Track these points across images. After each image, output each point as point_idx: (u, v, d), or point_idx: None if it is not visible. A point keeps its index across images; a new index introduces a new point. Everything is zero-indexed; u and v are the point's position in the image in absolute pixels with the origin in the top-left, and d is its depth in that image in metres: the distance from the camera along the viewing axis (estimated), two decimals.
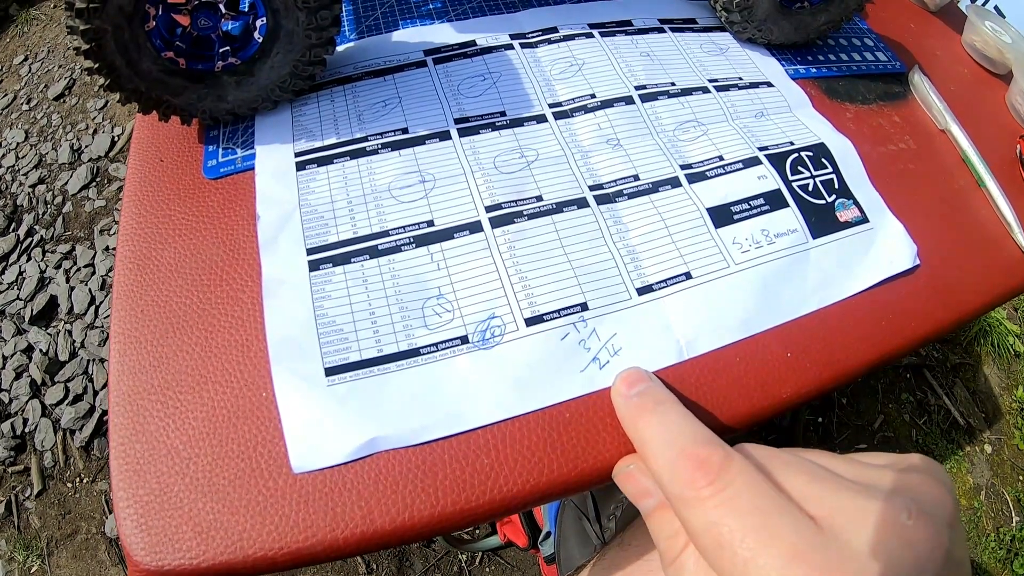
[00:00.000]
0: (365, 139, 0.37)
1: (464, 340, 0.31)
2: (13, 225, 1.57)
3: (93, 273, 1.45)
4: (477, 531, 1.13)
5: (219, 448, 0.28)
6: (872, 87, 0.46)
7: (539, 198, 0.35)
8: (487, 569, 1.09)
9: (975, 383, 1.36)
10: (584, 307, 0.32)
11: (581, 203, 0.35)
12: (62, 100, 1.81)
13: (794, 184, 0.37)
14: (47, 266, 1.48)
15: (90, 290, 1.42)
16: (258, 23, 0.34)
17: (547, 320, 0.31)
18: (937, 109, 0.44)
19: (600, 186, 0.36)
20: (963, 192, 0.41)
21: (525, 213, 0.34)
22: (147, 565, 0.26)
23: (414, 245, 0.33)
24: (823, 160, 0.39)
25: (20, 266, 1.49)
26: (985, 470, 1.26)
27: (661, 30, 0.45)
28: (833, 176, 0.39)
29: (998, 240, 0.39)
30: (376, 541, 0.26)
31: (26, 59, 1.94)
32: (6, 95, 1.85)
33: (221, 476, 0.27)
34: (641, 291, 0.33)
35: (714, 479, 0.21)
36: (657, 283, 0.33)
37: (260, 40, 0.35)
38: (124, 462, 0.28)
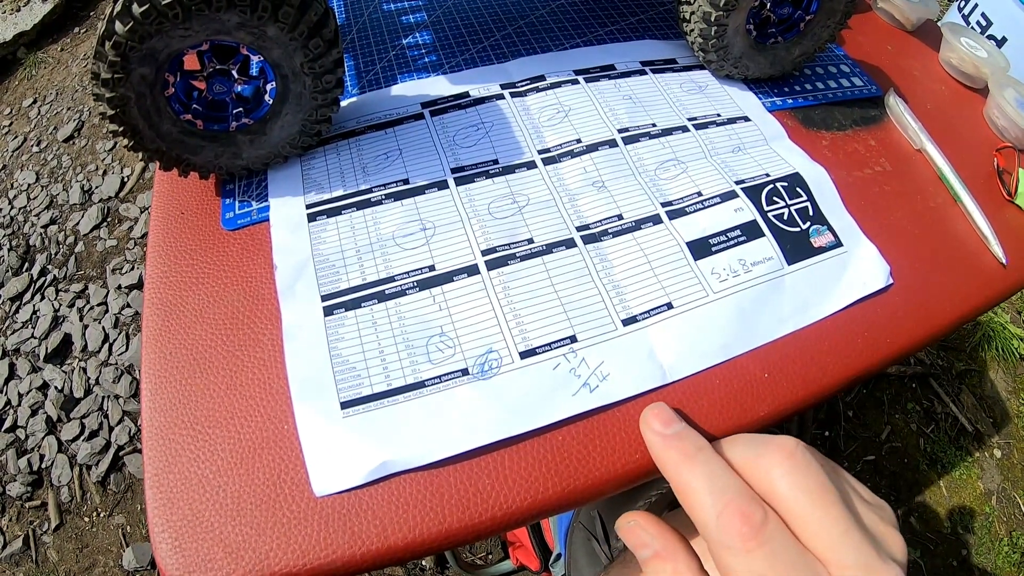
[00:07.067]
0: (370, 191, 0.39)
1: (465, 372, 0.33)
2: (26, 265, 1.61)
3: (106, 311, 1.48)
4: (490, 556, 1.14)
5: (246, 476, 0.30)
6: (848, 113, 0.47)
7: (530, 240, 0.37)
8: None
9: (981, 388, 1.37)
10: (573, 339, 0.34)
11: (569, 243, 0.37)
12: (71, 142, 1.85)
13: (769, 214, 0.39)
14: (60, 305, 1.51)
15: (103, 328, 1.45)
16: (268, 87, 0.36)
17: (540, 352, 0.34)
18: (912, 129, 0.45)
19: (587, 226, 0.38)
20: (939, 209, 0.42)
21: (518, 255, 0.37)
22: None
23: (418, 289, 0.35)
24: (798, 189, 0.40)
25: (34, 305, 1.52)
26: (995, 475, 1.26)
27: (643, 72, 0.47)
28: (808, 204, 0.40)
29: (975, 253, 0.41)
30: (391, 556, 0.29)
31: (35, 102, 1.99)
32: (16, 137, 1.90)
33: (249, 501, 0.30)
34: (626, 322, 0.35)
35: (757, 534, 0.24)
36: (641, 314, 0.35)
37: (270, 102, 0.37)
38: (158, 491, 0.30)
